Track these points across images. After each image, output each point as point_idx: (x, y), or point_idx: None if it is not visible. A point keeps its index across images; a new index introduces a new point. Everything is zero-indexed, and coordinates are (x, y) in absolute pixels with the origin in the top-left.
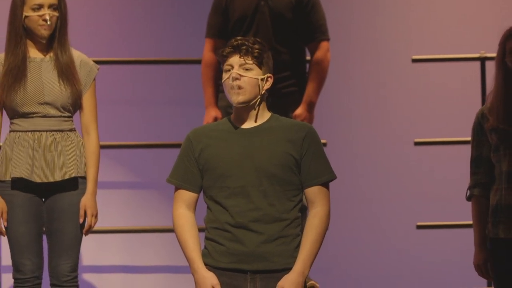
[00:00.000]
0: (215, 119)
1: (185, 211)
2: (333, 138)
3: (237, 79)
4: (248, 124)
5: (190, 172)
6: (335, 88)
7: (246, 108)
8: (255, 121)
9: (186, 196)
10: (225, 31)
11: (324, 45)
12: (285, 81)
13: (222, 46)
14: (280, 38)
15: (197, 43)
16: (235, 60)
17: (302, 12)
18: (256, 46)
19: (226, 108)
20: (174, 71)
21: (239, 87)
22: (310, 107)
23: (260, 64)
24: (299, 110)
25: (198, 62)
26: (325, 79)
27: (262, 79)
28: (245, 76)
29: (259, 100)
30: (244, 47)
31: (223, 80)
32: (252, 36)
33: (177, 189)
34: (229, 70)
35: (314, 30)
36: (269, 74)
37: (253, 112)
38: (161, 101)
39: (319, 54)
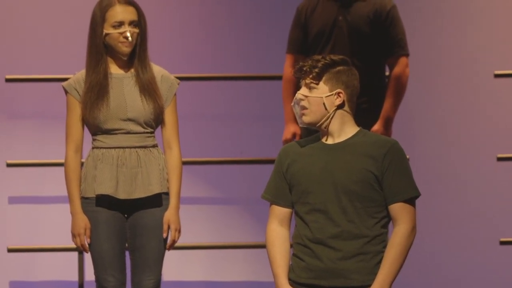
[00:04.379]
0: (294, 134)
1: (277, 226)
2: (414, 153)
3: (301, 99)
4: (332, 140)
5: (280, 187)
6: (415, 103)
7: (324, 126)
8: (340, 137)
9: (278, 211)
10: (305, 47)
11: (403, 60)
12: (362, 96)
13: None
14: (357, 53)
15: (281, 59)
16: (303, 81)
17: (380, 27)
18: (320, 63)
19: None
20: (258, 86)
21: (304, 108)
22: (387, 122)
23: (324, 82)
24: (376, 126)
25: (279, 78)
26: (403, 95)
27: (327, 97)
28: (309, 96)
29: (332, 116)
30: (306, 67)
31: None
32: (329, 51)
33: (271, 204)
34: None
35: (393, 45)
36: (339, 90)
37: (333, 128)
38: (244, 116)
39: (397, 69)
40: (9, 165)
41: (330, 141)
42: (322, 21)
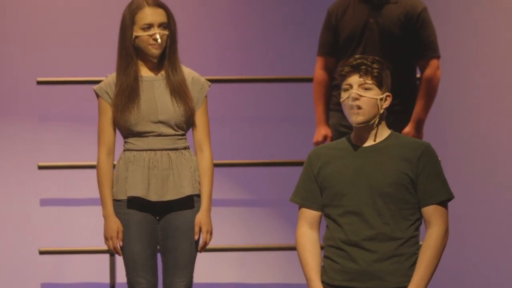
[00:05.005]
0: (325, 137)
1: (307, 229)
2: (444, 155)
3: (356, 99)
4: (366, 143)
5: (311, 190)
6: (446, 105)
7: (366, 127)
8: (374, 140)
9: (308, 214)
10: (336, 49)
11: (434, 62)
12: (394, 99)
13: (333, 64)
14: (388, 55)
15: (311, 61)
16: (354, 79)
17: (411, 29)
18: (376, 65)
19: (336, 126)
20: (288, 89)
21: (359, 107)
22: (419, 125)
23: (379, 84)
24: (408, 128)
25: (309, 80)
26: (434, 97)
27: (381, 99)
28: (365, 96)
29: (378, 119)
30: (363, 67)
31: (342, 100)
32: (360, 53)
33: (300, 207)
34: (347, 90)
35: (424, 47)
36: (388, 93)
37: (372, 131)
38: (275, 119)
39: (428, 71)
40: (40, 167)
41: (362, 143)
42: (353, 23)
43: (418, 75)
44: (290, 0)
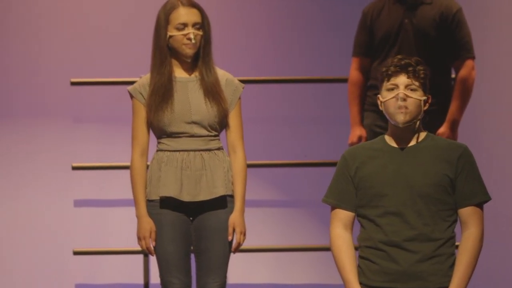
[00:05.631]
0: (360, 137)
1: (342, 231)
2: (480, 156)
3: (404, 99)
4: (403, 144)
5: (346, 191)
6: (481, 106)
7: (405, 128)
8: (411, 141)
9: (342, 215)
10: (371, 50)
11: (469, 63)
12: None
13: (368, 65)
14: (423, 56)
15: (344, 62)
16: (401, 80)
17: (446, 30)
18: (421, 67)
19: (370, 126)
20: (322, 89)
21: (406, 108)
22: (454, 125)
23: (423, 86)
24: (443, 129)
25: (344, 80)
26: (469, 98)
27: (424, 101)
28: (411, 97)
29: (420, 119)
30: (411, 68)
31: (385, 99)
32: (395, 54)
33: (333, 208)
34: (392, 89)
35: (458, 48)
36: (429, 95)
37: (412, 132)
38: (309, 119)
39: (463, 72)
40: (74, 168)
41: (400, 144)
42: (388, 24)
43: (453, 76)
44: (325, 0)
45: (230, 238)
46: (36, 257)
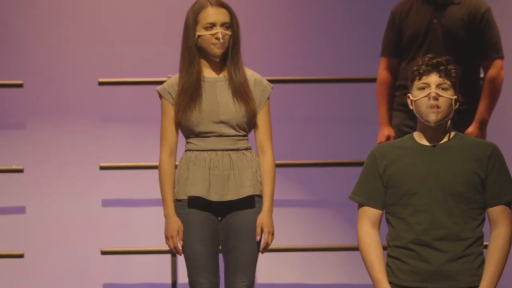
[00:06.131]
0: (388, 137)
1: (370, 229)
2: (509, 155)
3: (436, 99)
4: (432, 142)
5: (374, 188)
6: (510, 105)
7: (435, 127)
8: (440, 140)
9: (370, 213)
10: (399, 50)
11: (497, 63)
12: None
13: (396, 64)
14: (451, 56)
15: (372, 62)
16: (433, 79)
17: (475, 30)
18: (451, 66)
19: (399, 126)
20: (350, 89)
21: (437, 107)
22: (482, 125)
23: (454, 85)
24: (471, 128)
25: (372, 80)
26: (498, 97)
27: (455, 100)
28: (443, 96)
29: (449, 119)
30: (442, 67)
31: (417, 98)
32: (423, 54)
33: (360, 206)
34: (424, 88)
35: (487, 48)
36: (459, 94)
37: (440, 131)
38: (336, 119)
39: (492, 72)
40: (102, 168)
41: (429, 142)
42: (416, 24)
43: (481, 75)
44: (353, 0)
45: (258, 238)
46: (64, 257)
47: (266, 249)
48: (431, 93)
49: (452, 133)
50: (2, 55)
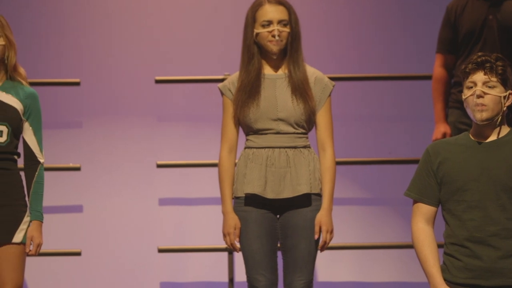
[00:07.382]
0: (444, 134)
1: (424, 225)
2: None
3: (480, 96)
4: (485, 139)
5: (428, 185)
6: None
7: (488, 125)
8: (496, 136)
9: (425, 209)
10: (455, 46)
11: None
12: None
13: (452, 61)
14: (507, 52)
15: (427, 59)
16: (478, 77)
17: None
18: (499, 63)
19: (455, 123)
20: (406, 86)
21: (483, 105)
22: None
23: (503, 82)
24: None
25: (428, 78)
26: None
27: (504, 97)
28: (489, 94)
29: (500, 117)
30: (488, 64)
31: (465, 97)
32: (479, 50)
33: (415, 202)
34: (471, 87)
35: None
36: (510, 91)
37: (495, 128)
38: (392, 116)
39: None
40: (159, 166)
41: (484, 139)
42: (471, 20)
43: None
44: None
45: (316, 236)
46: (122, 255)
47: (325, 248)
48: (476, 91)
49: (507, 130)
50: (60, 54)
